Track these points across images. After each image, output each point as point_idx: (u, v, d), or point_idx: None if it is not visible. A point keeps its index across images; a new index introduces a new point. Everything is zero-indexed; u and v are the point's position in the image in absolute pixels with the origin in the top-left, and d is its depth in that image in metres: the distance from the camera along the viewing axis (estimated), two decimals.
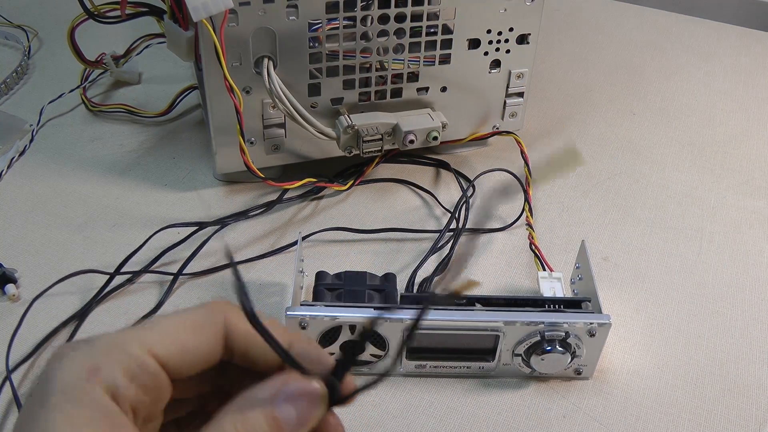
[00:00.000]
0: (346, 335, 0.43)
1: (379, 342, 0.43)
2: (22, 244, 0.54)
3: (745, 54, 0.84)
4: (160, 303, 0.50)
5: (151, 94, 0.71)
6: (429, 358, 0.44)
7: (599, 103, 0.74)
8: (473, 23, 0.56)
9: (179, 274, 0.51)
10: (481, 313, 0.43)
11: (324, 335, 0.42)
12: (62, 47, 0.65)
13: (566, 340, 0.42)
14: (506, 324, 0.42)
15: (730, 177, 0.64)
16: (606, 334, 0.43)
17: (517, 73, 0.60)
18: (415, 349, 0.44)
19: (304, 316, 0.41)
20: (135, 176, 0.61)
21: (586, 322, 0.42)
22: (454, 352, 0.44)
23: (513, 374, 0.45)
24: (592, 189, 0.62)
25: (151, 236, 0.53)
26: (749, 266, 0.55)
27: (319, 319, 0.42)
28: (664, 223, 0.59)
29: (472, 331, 0.43)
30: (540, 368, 0.44)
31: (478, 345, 0.44)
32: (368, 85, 0.57)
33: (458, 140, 0.62)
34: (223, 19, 0.48)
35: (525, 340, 0.43)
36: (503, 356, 0.44)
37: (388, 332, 0.43)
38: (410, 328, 0.41)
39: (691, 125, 0.71)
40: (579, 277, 0.47)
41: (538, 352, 0.43)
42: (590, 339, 0.43)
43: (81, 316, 0.48)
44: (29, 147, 0.63)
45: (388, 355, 0.44)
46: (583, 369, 0.45)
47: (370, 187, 0.61)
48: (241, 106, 0.51)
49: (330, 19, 0.52)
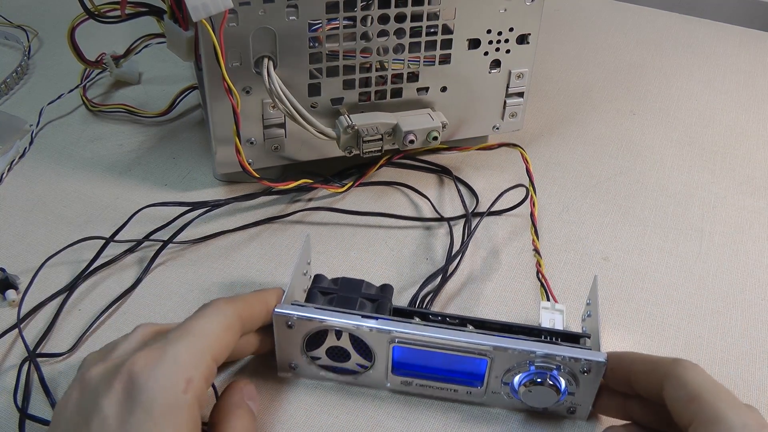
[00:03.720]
0: (333, 341, 0.42)
1: (366, 352, 0.42)
2: (22, 244, 0.54)
3: (745, 54, 0.84)
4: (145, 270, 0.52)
5: (151, 94, 0.71)
6: (415, 376, 0.43)
7: (599, 103, 0.74)
8: (473, 23, 0.56)
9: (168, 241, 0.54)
10: (471, 335, 0.41)
11: (310, 338, 0.42)
12: (62, 47, 0.65)
13: (558, 373, 0.40)
14: (496, 349, 0.40)
15: (730, 177, 0.64)
16: (600, 373, 0.40)
17: (517, 73, 0.60)
18: (401, 365, 0.43)
19: (291, 315, 0.41)
20: (135, 176, 0.61)
21: (580, 358, 0.40)
22: (440, 372, 0.43)
23: (502, 404, 0.43)
24: (592, 189, 0.62)
25: (138, 211, 0.55)
26: (749, 266, 0.55)
27: (305, 321, 0.41)
28: (664, 223, 0.59)
29: (459, 351, 0.41)
30: (528, 401, 0.41)
31: (466, 368, 0.42)
32: (368, 85, 0.57)
33: (465, 148, 0.61)
34: (223, 20, 0.48)
35: (514, 369, 0.41)
36: (491, 383, 0.42)
37: (375, 343, 0.42)
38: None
39: (691, 125, 0.71)
40: (588, 314, 0.44)
41: (526, 383, 0.41)
42: (584, 376, 0.40)
43: (70, 289, 0.50)
44: (29, 147, 0.63)
45: (375, 367, 0.43)
46: (577, 408, 0.42)
47: (368, 189, 0.61)
48: (238, 107, 0.51)
49: (330, 19, 0.52)
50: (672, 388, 0.36)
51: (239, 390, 0.39)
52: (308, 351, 0.43)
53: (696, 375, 0.36)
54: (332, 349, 0.42)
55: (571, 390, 0.41)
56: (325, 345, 0.42)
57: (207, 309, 0.38)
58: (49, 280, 0.51)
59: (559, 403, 0.41)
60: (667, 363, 0.37)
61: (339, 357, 0.43)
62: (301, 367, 0.44)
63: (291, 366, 0.44)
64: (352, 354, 0.42)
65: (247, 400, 0.39)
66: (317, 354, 0.43)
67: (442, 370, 0.43)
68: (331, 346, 0.42)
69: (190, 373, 0.34)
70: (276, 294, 0.42)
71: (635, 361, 0.39)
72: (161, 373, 0.33)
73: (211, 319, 0.37)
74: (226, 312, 0.38)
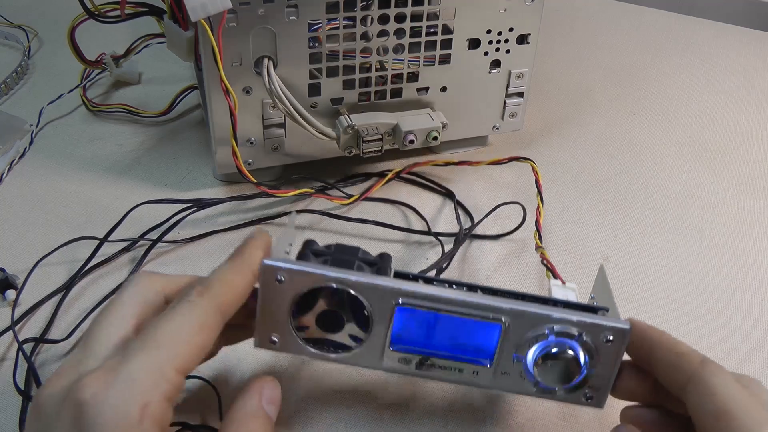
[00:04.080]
0: (326, 304, 0.37)
1: (362, 319, 0.37)
2: (22, 244, 0.54)
3: (745, 54, 0.84)
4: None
5: (151, 94, 0.71)
6: (416, 351, 0.38)
7: (599, 103, 0.74)
8: (473, 23, 0.56)
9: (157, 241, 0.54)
10: (484, 297, 0.37)
11: (300, 301, 0.36)
12: (62, 47, 0.65)
13: (578, 345, 0.36)
14: (512, 313, 0.36)
15: (730, 177, 0.64)
16: (623, 344, 0.36)
17: (517, 73, 0.60)
18: (402, 338, 0.38)
19: (283, 267, 0.35)
20: (135, 176, 0.61)
21: (603, 324, 0.36)
22: (445, 347, 0.38)
23: (511, 388, 0.39)
24: (592, 189, 0.62)
25: (132, 209, 0.55)
26: (749, 266, 0.55)
27: (299, 275, 0.36)
28: (664, 223, 0.59)
29: (472, 310, 0.36)
30: (543, 379, 0.37)
31: (475, 341, 0.38)
32: (368, 85, 0.57)
33: (476, 162, 0.60)
34: (221, 20, 0.48)
35: (530, 341, 0.37)
36: (502, 361, 0.38)
37: (376, 306, 0.36)
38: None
39: (691, 125, 0.71)
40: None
41: (543, 356, 0.36)
42: (606, 347, 0.36)
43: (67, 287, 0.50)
44: (29, 147, 0.63)
45: (370, 341, 0.37)
46: (594, 394, 0.38)
47: (370, 204, 0.59)
48: (236, 108, 0.51)
49: (330, 19, 0.52)
50: (697, 395, 0.33)
51: (257, 392, 0.34)
52: (296, 318, 0.37)
53: (726, 385, 0.32)
54: (324, 315, 0.37)
55: (592, 365, 0.37)
56: (317, 309, 0.37)
57: (177, 307, 0.32)
58: (49, 279, 0.51)
59: (577, 385, 0.37)
60: (693, 362, 0.34)
61: (331, 325, 0.37)
62: (283, 341, 0.37)
63: (272, 341, 0.37)
64: (346, 321, 0.37)
65: (266, 404, 0.34)
66: (305, 322, 0.37)
67: (447, 344, 0.38)
68: (323, 311, 0.37)
69: (147, 397, 0.29)
70: (263, 244, 0.36)
71: (659, 344, 0.36)
72: (112, 401, 0.29)
73: (182, 321, 0.32)
74: (200, 307, 0.32)
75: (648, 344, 0.36)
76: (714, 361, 0.34)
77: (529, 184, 0.59)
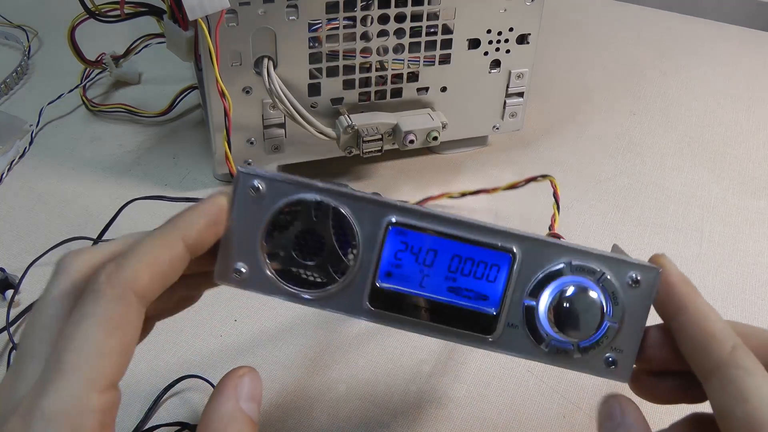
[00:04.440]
0: (307, 221, 0.31)
1: (347, 242, 0.31)
2: (22, 244, 0.54)
3: (745, 54, 0.84)
4: None
5: (151, 94, 0.71)
6: (408, 291, 0.32)
7: (599, 103, 0.74)
8: (473, 23, 0.56)
9: None
10: (491, 223, 0.31)
11: (276, 219, 0.31)
12: (62, 47, 0.65)
13: (598, 288, 0.31)
14: (524, 241, 0.31)
15: (730, 177, 0.64)
16: (652, 290, 0.31)
17: (517, 73, 0.60)
18: (393, 271, 0.32)
19: (260, 173, 0.30)
20: (135, 176, 0.61)
21: (629, 261, 0.31)
22: (442, 290, 0.32)
23: (517, 347, 0.32)
24: (592, 189, 0.62)
25: (124, 205, 0.55)
26: (749, 266, 0.55)
27: (278, 183, 0.31)
28: (664, 223, 0.59)
29: (478, 235, 0.31)
30: (561, 329, 0.31)
31: (479, 281, 0.32)
32: (368, 85, 0.57)
33: (492, 189, 0.54)
34: (219, 20, 0.48)
35: (542, 283, 0.31)
36: (511, 308, 0.31)
37: (364, 227, 0.31)
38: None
39: (691, 125, 0.71)
40: None
41: (560, 298, 0.31)
42: (632, 293, 0.31)
43: None
44: (29, 147, 0.63)
45: (354, 275, 0.31)
46: (618, 357, 0.32)
47: None
48: (230, 110, 0.51)
49: (330, 19, 0.52)
50: (724, 394, 0.27)
51: (231, 390, 0.28)
52: (269, 242, 0.31)
53: (759, 386, 0.26)
54: (303, 236, 0.31)
55: (615, 316, 0.31)
56: (294, 230, 0.31)
57: (83, 304, 0.26)
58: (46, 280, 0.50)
59: (597, 341, 0.31)
60: (723, 349, 0.28)
61: (309, 249, 0.31)
62: (251, 272, 0.31)
63: (236, 271, 0.31)
64: (328, 245, 0.31)
65: (245, 403, 0.28)
66: (278, 248, 0.31)
67: (445, 286, 0.32)
68: (303, 230, 0.31)
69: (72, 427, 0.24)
70: (209, 210, 0.30)
71: (686, 311, 0.30)
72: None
73: (89, 327, 0.25)
74: (110, 299, 0.26)
75: (675, 304, 0.30)
76: (748, 352, 0.28)
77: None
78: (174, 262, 0.28)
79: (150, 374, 0.44)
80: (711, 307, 0.30)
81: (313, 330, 0.48)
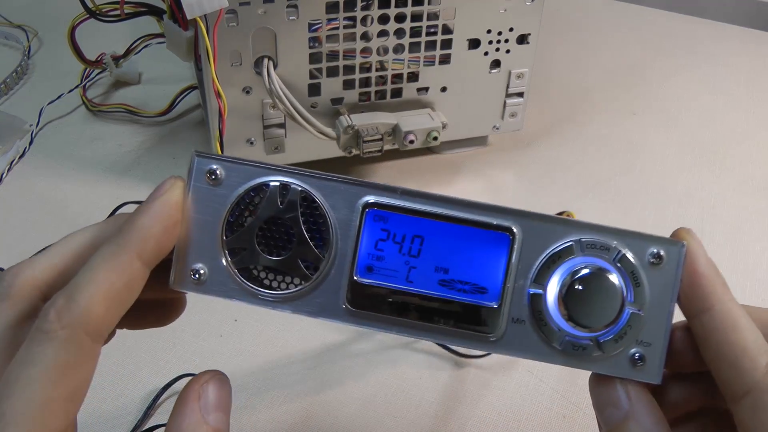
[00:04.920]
0: (272, 208, 0.27)
1: (318, 232, 0.27)
2: (22, 245, 0.54)
3: (745, 54, 0.84)
4: None
5: (151, 94, 0.71)
6: (392, 285, 0.27)
7: (599, 103, 0.74)
8: (473, 23, 0.56)
9: None
10: (484, 201, 0.27)
11: (237, 210, 0.27)
12: (62, 47, 0.65)
13: (617, 259, 0.26)
14: (524, 218, 0.27)
15: (730, 177, 0.64)
16: (677, 268, 0.27)
17: (517, 73, 0.60)
18: (374, 263, 0.27)
19: (218, 158, 0.27)
20: (135, 176, 0.61)
21: (648, 234, 0.27)
22: (432, 283, 0.27)
23: (524, 346, 0.27)
24: (592, 189, 0.62)
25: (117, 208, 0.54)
26: (749, 266, 0.55)
27: (238, 169, 0.27)
28: (664, 223, 0.59)
29: (469, 214, 0.27)
30: (575, 318, 0.26)
31: (475, 264, 0.27)
32: (368, 85, 0.57)
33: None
34: (217, 19, 0.48)
35: (549, 266, 0.27)
36: (513, 299, 0.27)
37: (337, 212, 0.27)
38: None
39: (691, 125, 0.71)
40: None
41: (571, 281, 0.26)
42: (653, 272, 0.27)
43: None
44: (29, 147, 0.63)
45: (327, 270, 0.27)
46: (645, 351, 0.27)
47: None
48: (225, 111, 0.51)
49: (330, 19, 0.52)
50: (757, 421, 0.24)
51: (194, 400, 0.25)
52: (230, 236, 0.27)
53: None
54: (269, 226, 0.27)
55: (637, 302, 0.27)
56: (259, 219, 0.27)
57: (29, 349, 0.23)
58: None
59: (619, 333, 0.27)
60: (756, 369, 0.24)
61: (276, 243, 0.27)
62: (211, 273, 0.27)
63: (194, 273, 0.27)
64: (297, 236, 0.27)
65: (211, 413, 0.25)
66: (241, 243, 0.27)
67: (435, 277, 0.27)
68: (267, 220, 0.27)
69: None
70: (160, 212, 0.26)
71: (712, 312, 0.25)
72: None
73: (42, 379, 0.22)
74: (60, 343, 0.23)
75: (700, 300, 0.26)
76: None
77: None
78: (131, 283, 0.24)
79: (150, 374, 0.44)
80: (741, 310, 0.25)
81: (314, 329, 0.48)
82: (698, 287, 0.26)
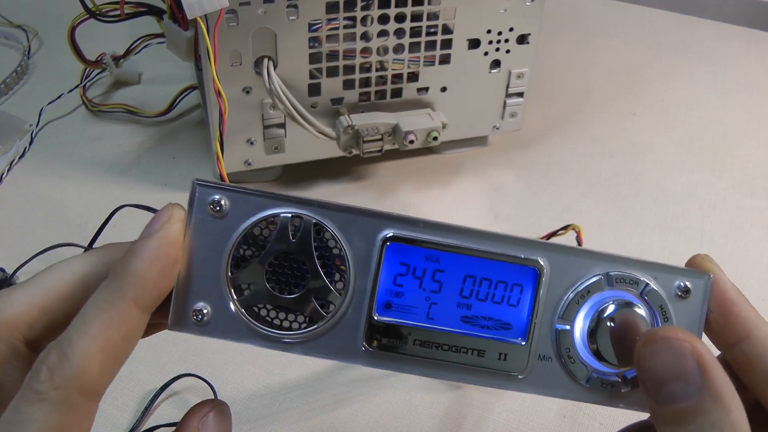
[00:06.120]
0: (283, 243, 0.25)
1: (333, 268, 0.25)
2: (22, 245, 0.54)
3: (745, 54, 0.84)
4: None
5: (151, 94, 0.71)
6: (413, 324, 0.26)
7: (599, 103, 0.74)
8: (473, 23, 0.56)
9: None
10: (509, 233, 0.26)
11: (244, 243, 0.25)
12: (62, 47, 0.65)
13: (644, 292, 0.26)
14: (551, 251, 0.26)
15: (730, 177, 0.64)
16: (703, 300, 0.26)
17: (517, 73, 0.60)
18: (392, 305, 0.26)
19: (222, 186, 0.25)
20: (135, 176, 0.61)
21: (673, 266, 0.26)
22: (454, 320, 0.26)
23: (554, 385, 0.26)
24: (592, 189, 0.62)
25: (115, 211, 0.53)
26: (749, 266, 0.55)
27: (246, 199, 0.25)
28: (664, 223, 0.59)
29: (493, 247, 0.25)
30: (606, 357, 0.26)
31: (498, 305, 0.26)
32: (368, 85, 0.57)
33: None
34: (218, 19, 0.48)
35: (577, 299, 0.26)
36: (542, 335, 0.26)
37: (353, 246, 0.25)
38: None
39: (691, 125, 0.71)
40: None
41: (600, 318, 0.25)
42: (679, 305, 0.26)
43: None
44: (29, 147, 0.63)
45: (344, 308, 0.26)
46: None
47: None
48: (226, 111, 0.51)
49: (330, 19, 0.52)
50: None
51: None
52: (236, 273, 0.25)
53: None
54: (280, 262, 0.25)
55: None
56: (268, 254, 0.25)
57: (17, 409, 0.21)
58: None
59: None
60: None
61: (288, 279, 0.25)
62: (214, 315, 0.25)
63: (196, 313, 0.25)
64: (310, 272, 0.25)
65: None
66: (249, 280, 0.25)
67: (458, 314, 0.26)
68: (278, 255, 0.25)
69: None
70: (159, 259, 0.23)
71: (753, 343, 0.25)
72: None
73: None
74: (53, 405, 0.21)
75: (736, 330, 0.25)
76: None
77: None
78: (130, 334, 0.23)
79: (149, 374, 0.44)
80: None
81: None
82: (732, 316, 0.25)
